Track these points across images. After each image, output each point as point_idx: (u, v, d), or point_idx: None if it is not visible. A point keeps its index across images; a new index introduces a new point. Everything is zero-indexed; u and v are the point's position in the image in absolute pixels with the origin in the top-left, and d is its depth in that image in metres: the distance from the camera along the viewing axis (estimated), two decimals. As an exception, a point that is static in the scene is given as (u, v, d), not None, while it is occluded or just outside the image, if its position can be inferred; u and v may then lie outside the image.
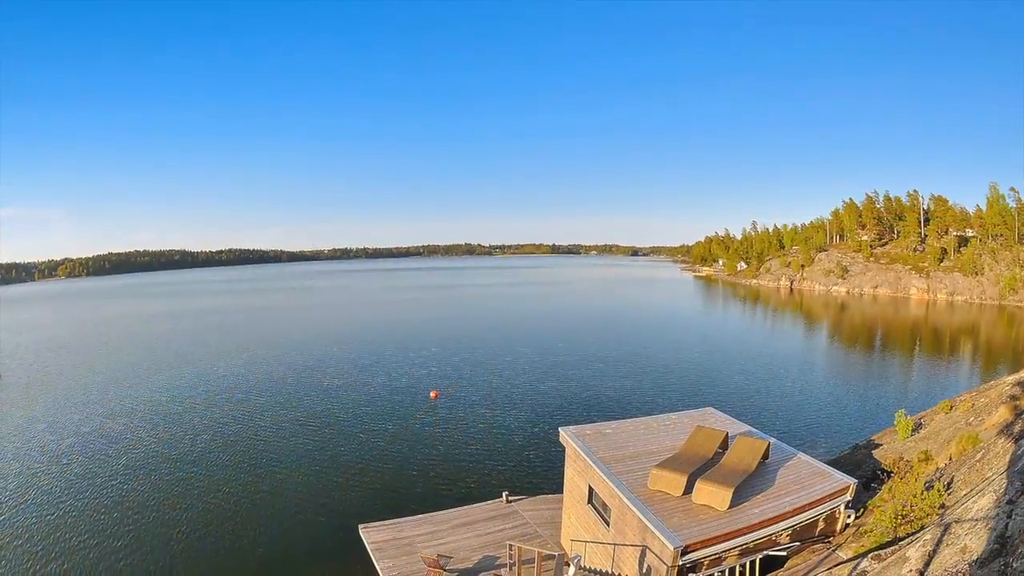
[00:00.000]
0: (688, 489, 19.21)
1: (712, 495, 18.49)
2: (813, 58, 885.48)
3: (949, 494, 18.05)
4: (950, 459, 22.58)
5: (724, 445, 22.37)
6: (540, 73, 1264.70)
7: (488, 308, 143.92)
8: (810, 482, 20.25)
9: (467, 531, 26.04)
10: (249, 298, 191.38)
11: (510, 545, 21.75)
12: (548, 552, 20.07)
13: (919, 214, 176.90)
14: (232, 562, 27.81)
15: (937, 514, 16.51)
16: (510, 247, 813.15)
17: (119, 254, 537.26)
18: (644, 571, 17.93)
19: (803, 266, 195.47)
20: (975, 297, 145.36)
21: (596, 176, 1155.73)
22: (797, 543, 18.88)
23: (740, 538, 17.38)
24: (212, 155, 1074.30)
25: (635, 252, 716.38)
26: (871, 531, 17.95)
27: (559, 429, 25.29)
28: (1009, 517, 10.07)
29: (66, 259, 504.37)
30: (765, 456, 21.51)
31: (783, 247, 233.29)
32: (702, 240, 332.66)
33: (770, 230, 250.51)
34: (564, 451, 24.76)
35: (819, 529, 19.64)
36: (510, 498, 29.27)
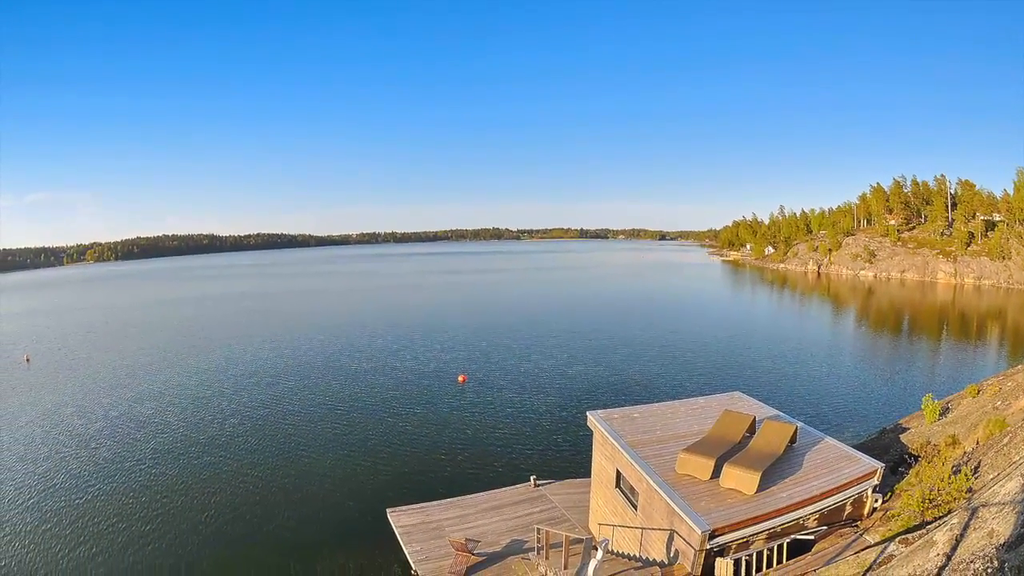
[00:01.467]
0: (716, 473, 19.30)
1: (740, 479, 18.60)
2: (840, 42, 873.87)
3: (976, 478, 18.08)
4: (977, 443, 22.52)
5: (752, 429, 22.39)
6: (568, 59, 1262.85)
7: (516, 293, 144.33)
8: (838, 466, 20.26)
9: (495, 515, 26.25)
10: (277, 282, 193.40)
11: (538, 529, 21.84)
12: (576, 536, 20.20)
13: (946, 199, 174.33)
14: (260, 545, 27.97)
15: (964, 498, 16.55)
16: (538, 232, 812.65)
17: (147, 238, 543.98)
18: (672, 555, 18.12)
19: (830, 250, 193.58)
20: (1002, 281, 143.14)
21: (624, 161, 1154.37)
22: (825, 527, 18.93)
23: (768, 522, 17.50)
24: (241, 140, 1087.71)
25: (663, 236, 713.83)
26: (898, 515, 18.01)
27: (587, 413, 25.32)
28: (1037, 501, 10.16)
29: (94, 243, 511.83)
30: (793, 440, 21.54)
31: (810, 231, 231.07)
32: (730, 224, 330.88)
33: (797, 214, 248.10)
34: (592, 435, 24.85)
35: (847, 513, 19.66)
36: (538, 482, 29.45)
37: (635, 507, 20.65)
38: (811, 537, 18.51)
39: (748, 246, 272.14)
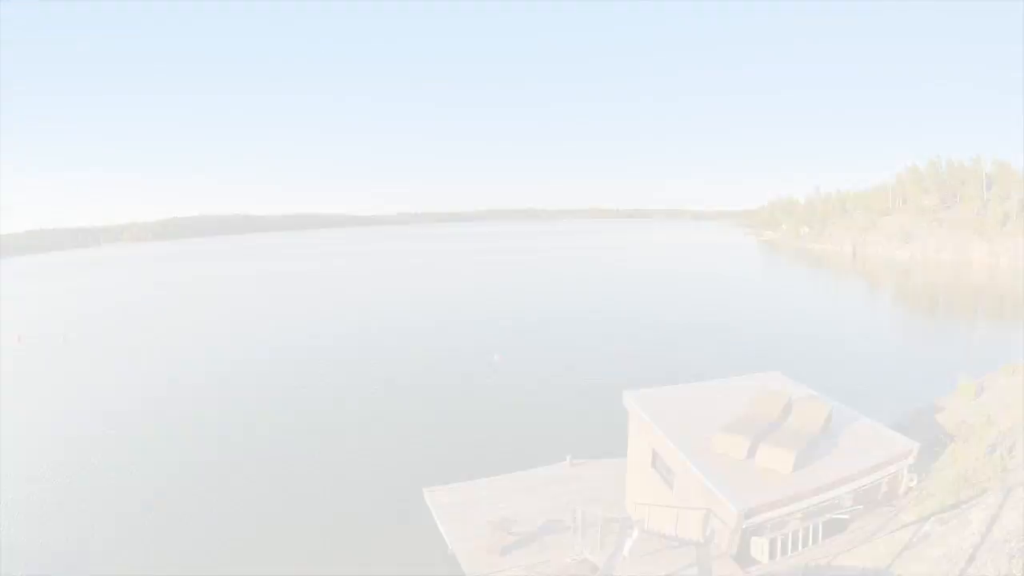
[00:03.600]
0: (751, 453, 19.53)
1: (775, 459, 18.82)
2: (874, 21, 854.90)
3: (1011, 458, 18.18)
4: (1012, 423, 22.54)
5: (787, 409, 22.49)
6: (603, 36, 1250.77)
7: (551, 272, 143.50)
8: (873, 446, 20.38)
9: (531, 494, 26.39)
10: (311, 263, 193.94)
11: (574, 508, 22.12)
12: (612, 515, 20.55)
13: (982, 179, 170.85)
14: (297, 525, 27.95)
15: (999, 478, 16.68)
16: (573, 211, 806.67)
17: (185, 218, 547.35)
18: (708, 534, 18.43)
19: (866, 231, 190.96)
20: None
21: (660, 141, 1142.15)
22: (860, 506, 19.12)
23: (803, 501, 17.75)
24: (275, 117, 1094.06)
25: (698, 216, 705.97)
26: (934, 494, 18.13)
27: (623, 393, 25.47)
28: (1072, 480, 10.39)
29: (132, 223, 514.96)
30: (828, 420, 21.67)
31: (846, 212, 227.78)
32: (765, 205, 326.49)
33: (833, 195, 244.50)
34: (628, 415, 25.09)
35: (882, 492, 19.78)
36: (574, 461, 29.65)
37: (671, 486, 20.96)
38: (846, 516, 18.73)
39: (784, 226, 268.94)
